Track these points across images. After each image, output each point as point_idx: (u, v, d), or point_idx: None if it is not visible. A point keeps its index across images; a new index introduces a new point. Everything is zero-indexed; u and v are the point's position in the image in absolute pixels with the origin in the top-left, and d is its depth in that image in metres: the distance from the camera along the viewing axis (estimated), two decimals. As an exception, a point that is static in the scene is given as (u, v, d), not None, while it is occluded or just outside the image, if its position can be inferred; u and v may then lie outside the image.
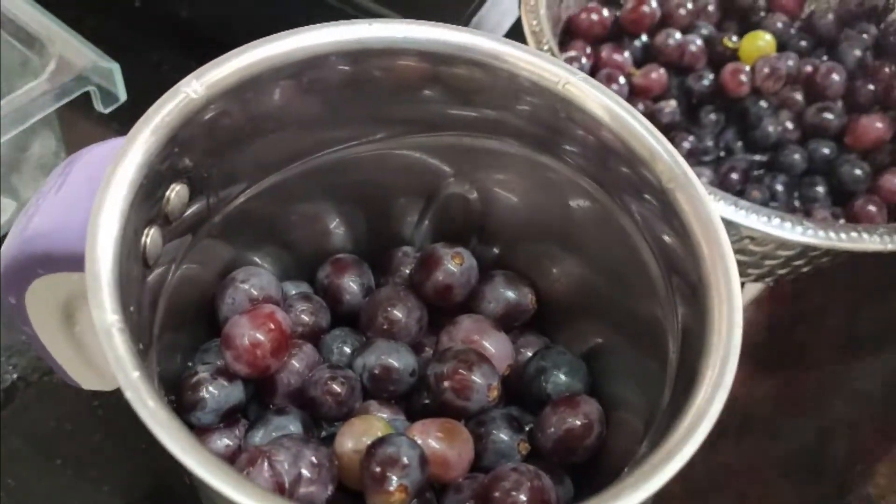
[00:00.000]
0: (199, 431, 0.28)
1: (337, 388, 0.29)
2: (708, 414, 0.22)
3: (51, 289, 0.27)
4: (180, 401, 0.28)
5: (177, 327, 0.28)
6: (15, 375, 0.40)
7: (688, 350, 0.25)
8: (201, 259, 0.29)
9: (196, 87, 0.25)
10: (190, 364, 0.30)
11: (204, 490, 0.27)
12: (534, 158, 0.29)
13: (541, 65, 0.27)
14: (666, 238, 0.26)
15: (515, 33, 0.46)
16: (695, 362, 0.24)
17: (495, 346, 0.30)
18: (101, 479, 0.37)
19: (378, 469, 0.26)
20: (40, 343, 0.30)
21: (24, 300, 0.28)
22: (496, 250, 0.33)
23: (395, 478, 0.26)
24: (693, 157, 0.49)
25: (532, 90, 0.27)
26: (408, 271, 0.33)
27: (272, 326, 0.28)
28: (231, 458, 0.27)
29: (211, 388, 0.28)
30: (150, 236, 0.25)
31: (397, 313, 0.31)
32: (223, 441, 0.28)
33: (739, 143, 0.50)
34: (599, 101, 0.26)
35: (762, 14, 0.53)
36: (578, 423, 0.28)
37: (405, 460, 0.26)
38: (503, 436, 0.29)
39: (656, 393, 0.26)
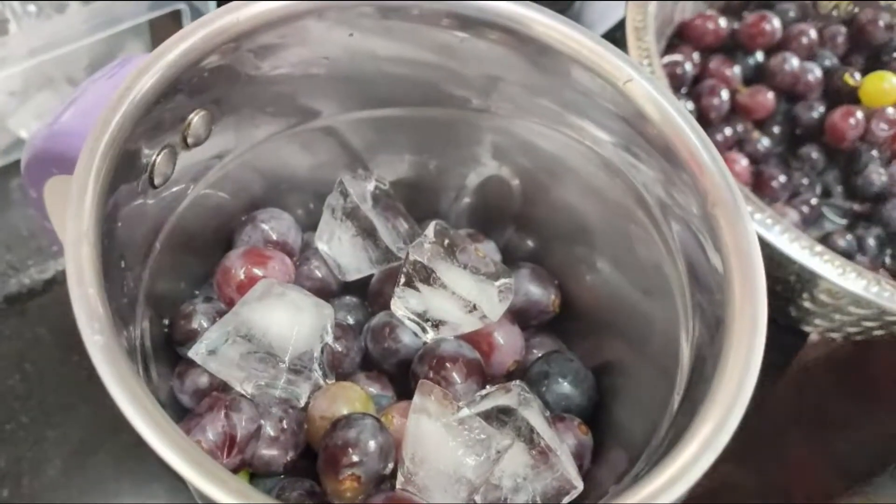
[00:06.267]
0: (186, 362, 0.27)
1: (337, 346, 0.28)
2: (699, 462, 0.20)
3: (64, 190, 0.26)
4: (172, 329, 0.28)
5: (184, 250, 0.27)
6: (56, 271, 0.41)
7: (695, 387, 0.23)
8: (225, 187, 0.28)
9: (244, 13, 0.24)
10: (197, 293, 0.29)
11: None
12: (587, 156, 0.27)
13: (606, 56, 0.25)
14: (700, 264, 0.24)
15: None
16: (698, 403, 0.21)
17: (505, 337, 0.29)
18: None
19: (333, 453, 0.24)
20: (58, 241, 0.30)
21: (43, 196, 0.28)
22: (531, 243, 0.32)
23: (347, 467, 0.24)
24: (785, 191, 0.46)
25: (593, 83, 0.25)
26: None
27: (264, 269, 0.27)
28: (202, 395, 0.26)
29: (203, 322, 0.27)
30: (163, 156, 0.24)
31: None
32: (205, 377, 0.27)
33: (840, 188, 0.47)
34: (657, 103, 0.24)
35: (895, 55, 0.48)
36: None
37: (363, 447, 0.24)
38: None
39: (655, 422, 0.24)
